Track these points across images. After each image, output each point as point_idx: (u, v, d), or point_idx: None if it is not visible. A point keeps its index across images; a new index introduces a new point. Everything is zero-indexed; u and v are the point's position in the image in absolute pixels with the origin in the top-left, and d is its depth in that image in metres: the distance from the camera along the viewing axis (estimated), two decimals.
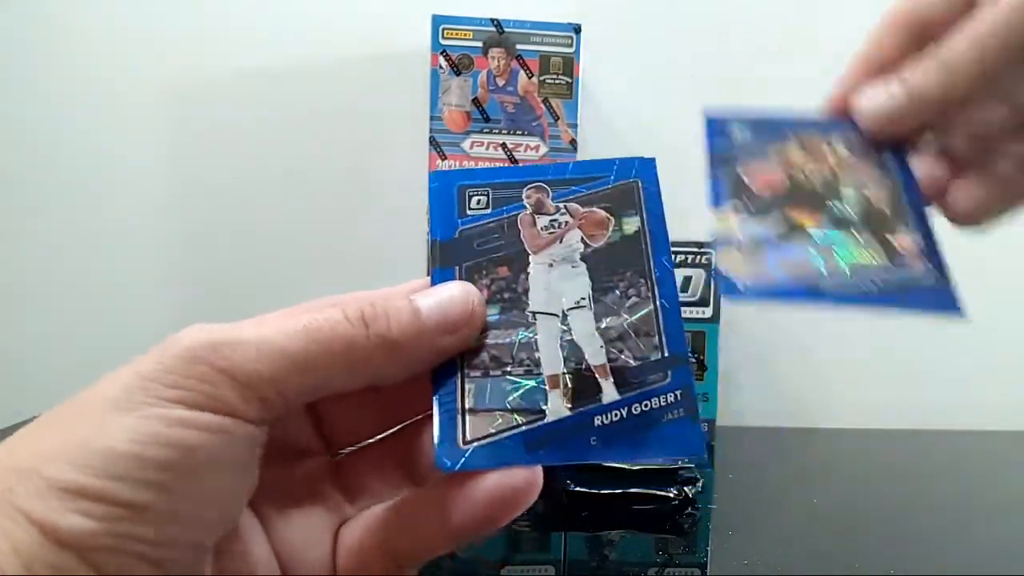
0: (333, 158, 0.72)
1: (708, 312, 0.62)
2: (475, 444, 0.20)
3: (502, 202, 0.24)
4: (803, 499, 0.51)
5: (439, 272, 0.22)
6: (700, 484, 0.47)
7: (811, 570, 0.40)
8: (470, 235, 0.23)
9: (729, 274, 0.23)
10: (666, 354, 0.22)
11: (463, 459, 0.20)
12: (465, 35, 0.60)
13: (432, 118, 0.60)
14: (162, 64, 0.70)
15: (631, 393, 0.21)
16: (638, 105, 0.73)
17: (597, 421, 0.21)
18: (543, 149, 0.61)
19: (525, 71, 0.61)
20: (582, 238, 0.23)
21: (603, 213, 0.24)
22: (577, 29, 0.61)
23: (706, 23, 0.73)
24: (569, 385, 0.21)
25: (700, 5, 0.73)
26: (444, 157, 0.60)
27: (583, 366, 0.21)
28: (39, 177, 0.71)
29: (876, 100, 0.26)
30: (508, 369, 0.21)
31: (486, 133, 0.61)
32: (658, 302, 0.22)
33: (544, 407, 0.21)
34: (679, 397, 0.21)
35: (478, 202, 0.24)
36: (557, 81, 0.61)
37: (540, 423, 0.21)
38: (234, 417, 0.18)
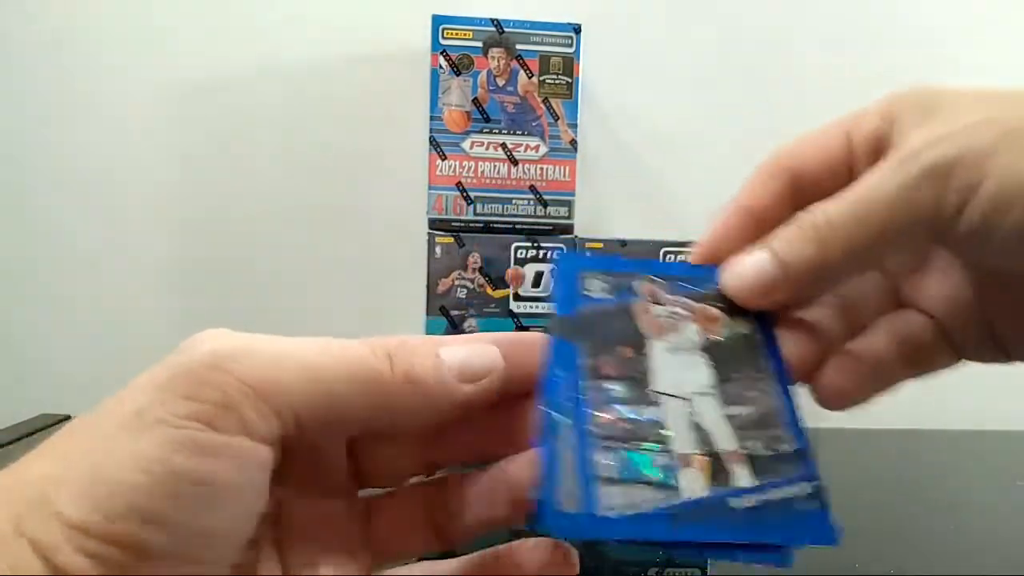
0: (333, 158, 0.72)
1: None
2: (612, 513, 0.20)
3: (617, 289, 0.25)
4: None
5: (559, 343, 0.23)
6: None
7: (811, 570, 0.39)
8: (590, 314, 0.24)
9: (554, 499, 0.20)
10: (795, 447, 0.23)
11: (601, 528, 0.20)
12: (465, 35, 0.60)
13: (432, 118, 0.60)
14: (162, 64, 0.70)
15: (765, 481, 0.22)
16: (638, 105, 0.73)
17: (732, 503, 0.21)
18: (543, 149, 0.61)
19: (525, 71, 0.61)
20: (698, 331, 0.24)
21: (716, 311, 0.25)
22: (577, 29, 0.61)
23: (706, 23, 0.73)
24: (703, 465, 0.22)
25: (700, 5, 0.73)
26: (444, 157, 0.60)
27: (714, 450, 0.22)
28: (40, 177, 0.71)
29: (745, 270, 0.24)
30: (639, 444, 0.22)
31: (486, 133, 0.61)
32: (779, 399, 0.23)
33: (679, 485, 0.21)
34: (812, 489, 0.22)
35: (594, 286, 0.25)
36: (557, 81, 0.61)
37: (677, 501, 0.21)
38: (246, 436, 0.18)
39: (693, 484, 0.21)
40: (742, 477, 0.22)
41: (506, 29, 0.60)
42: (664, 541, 0.21)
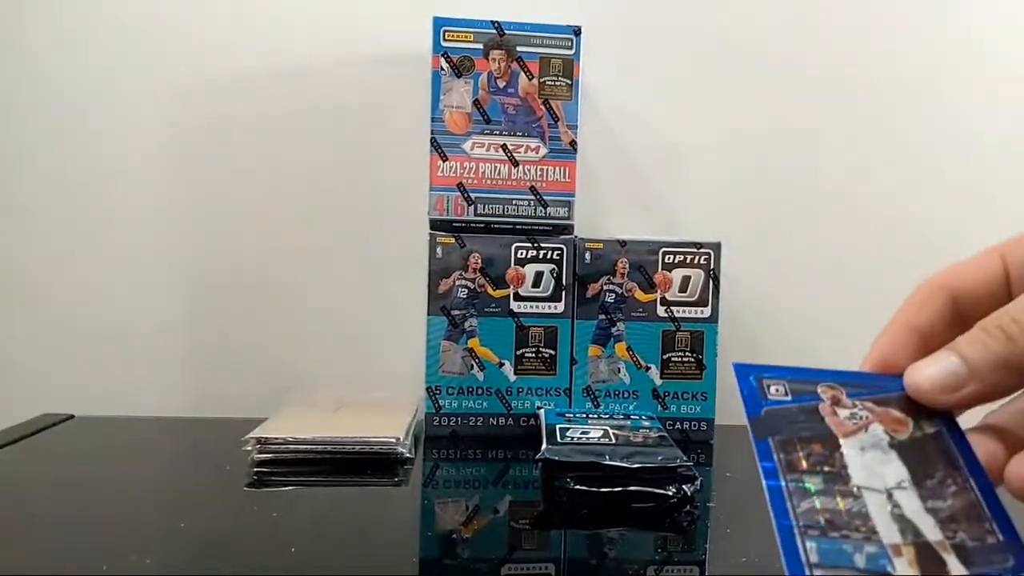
0: (334, 159, 0.72)
1: (707, 312, 0.62)
2: None
3: (796, 393, 0.26)
4: None
5: (756, 441, 0.25)
6: (699, 482, 0.48)
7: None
8: (776, 414, 0.26)
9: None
10: (1001, 539, 0.23)
11: None
12: (466, 37, 0.60)
13: (433, 119, 0.61)
14: (162, 64, 0.71)
15: (977, 570, 0.22)
16: (638, 106, 0.73)
17: None
18: (543, 150, 0.62)
19: (525, 73, 0.61)
20: (884, 430, 0.25)
21: (899, 413, 0.26)
22: (577, 31, 0.61)
23: (706, 24, 0.74)
24: (913, 555, 0.22)
25: (700, 6, 0.74)
26: (445, 158, 0.61)
27: (922, 540, 0.23)
28: (38, 178, 0.71)
29: (932, 370, 0.26)
30: (845, 533, 0.22)
31: (487, 135, 0.61)
32: (977, 493, 0.24)
33: (893, 572, 0.22)
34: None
35: (776, 390, 0.27)
36: (557, 83, 0.61)
37: None
38: None
39: (907, 572, 0.22)
40: (954, 566, 0.22)
41: (507, 31, 0.61)
42: None
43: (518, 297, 0.61)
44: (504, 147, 0.61)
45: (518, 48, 0.61)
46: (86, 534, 0.41)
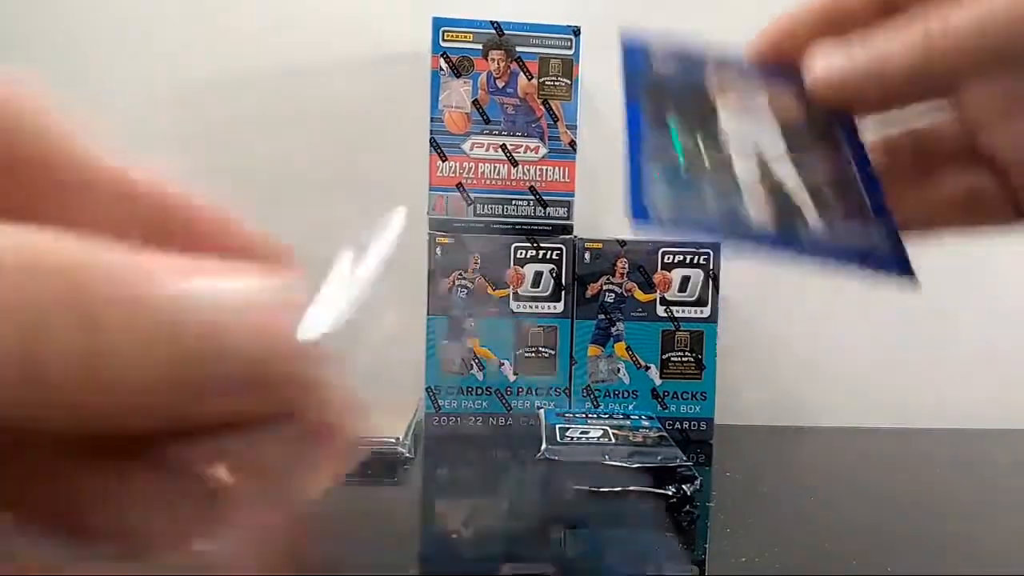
0: (334, 159, 0.72)
1: (706, 312, 0.62)
2: (670, 218, 0.21)
3: (686, 64, 0.27)
4: (801, 497, 0.52)
5: (629, 103, 0.25)
6: (699, 482, 0.48)
7: (808, 569, 0.40)
8: (659, 79, 0.27)
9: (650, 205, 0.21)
10: (868, 204, 0.23)
11: (650, 221, 0.21)
12: (465, 37, 0.60)
13: (432, 120, 0.61)
14: (162, 64, 0.71)
15: (836, 221, 0.22)
16: None
17: (802, 235, 0.22)
18: (543, 151, 0.62)
19: (525, 73, 0.61)
20: (772, 110, 0.25)
21: (791, 99, 0.25)
22: (576, 31, 0.61)
23: (705, 24, 0.74)
24: (772, 204, 0.22)
25: (700, 6, 0.73)
26: (444, 158, 0.61)
27: (785, 197, 0.23)
28: None
29: (834, 61, 0.22)
30: (699, 181, 0.22)
31: (486, 135, 0.61)
32: (854, 173, 0.24)
33: (744, 211, 0.22)
34: (884, 235, 0.22)
35: (664, 60, 0.27)
36: (557, 83, 0.61)
37: (747, 223, 0.22)
38: None
39: (760, 213, 0.22)
40: (811, 217, 0.22)
41: (506, 31, 0.61)
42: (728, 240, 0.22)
43: (518, 297, 0.61)
44: (503, 147, 0.61)
45: (517, 48, 0.61)
46: None
